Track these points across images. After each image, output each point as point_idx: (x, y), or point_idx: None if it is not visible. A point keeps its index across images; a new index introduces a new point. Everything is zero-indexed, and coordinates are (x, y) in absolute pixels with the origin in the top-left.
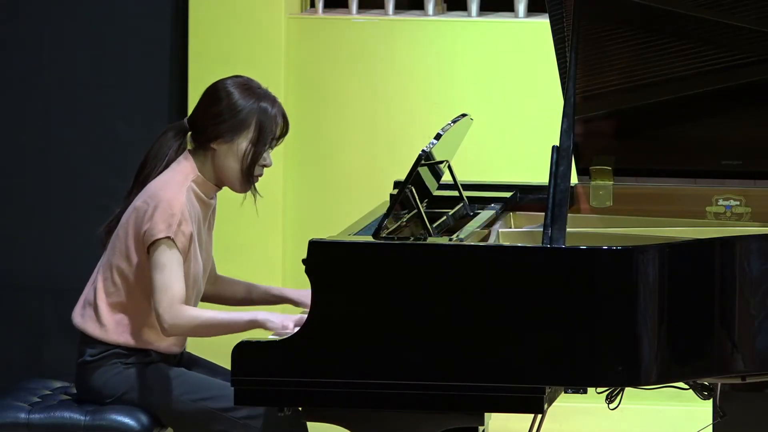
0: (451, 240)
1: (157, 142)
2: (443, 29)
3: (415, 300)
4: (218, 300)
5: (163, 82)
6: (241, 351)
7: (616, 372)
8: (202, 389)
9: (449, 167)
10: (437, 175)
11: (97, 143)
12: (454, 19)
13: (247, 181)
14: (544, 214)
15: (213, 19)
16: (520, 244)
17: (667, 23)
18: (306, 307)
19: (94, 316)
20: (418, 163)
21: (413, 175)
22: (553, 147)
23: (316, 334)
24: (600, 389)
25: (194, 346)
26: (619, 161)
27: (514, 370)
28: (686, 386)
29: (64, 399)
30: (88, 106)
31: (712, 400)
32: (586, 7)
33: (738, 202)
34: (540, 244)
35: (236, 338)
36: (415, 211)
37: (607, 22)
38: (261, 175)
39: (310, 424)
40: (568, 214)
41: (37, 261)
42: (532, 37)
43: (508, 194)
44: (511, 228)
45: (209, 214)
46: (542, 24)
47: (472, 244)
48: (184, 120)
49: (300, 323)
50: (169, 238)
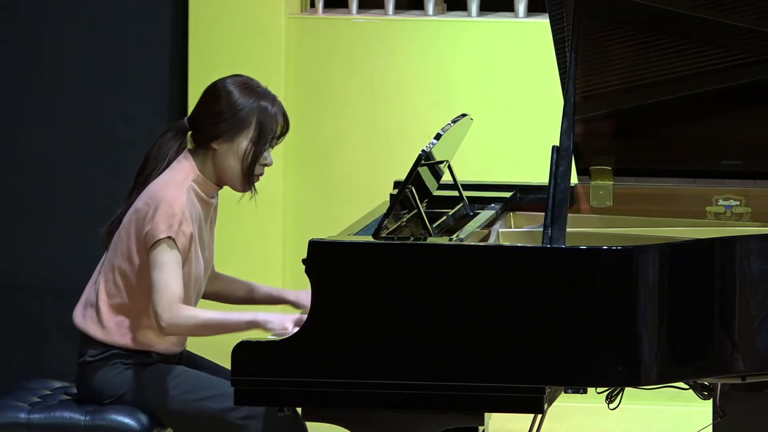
0: (451, 240)
1: (157, 142)
2: (443, 29)
3: (415, 300)
4: (219, 298)
5: (163, 82)
6: (241, 351)
7: (616, 372)
8: (202, 389)
9: (449, 167)
10: (437, 175)
11: (97, 143)
12: (454, 19)
13: (248, 180)
14: (544, 214)
15: (213, 19)
16: (520, 244)
17: (667, 23)
18: (304, 308)
19: (96, 317)
20: (418, 163)
21: (413, 175)
22: (553, 147)
23: (316, 334)
24: (600, 389)
25: (194, 346)
26: (619, 161)
27: (514, 370)
28: (686, 386)
29: (64, 399)
30: (88, 106)
31: (712, 400)
32: (586, 7)
33: (738, 202)
34: (540, 244)
35: (236, 338)
36: (415, 211)
37: (607, 22)
38: (262, 174)
39: (310, 424)
40: (568, 214)
41: (37, 261)
42: (532, 37)
43: (508, 194)
44: (511, 228)
45: (211, 213)
46: (542, 24)
47: (472, 244)
48: (184, 119)
49: (300, 324)
50: (170, 238)
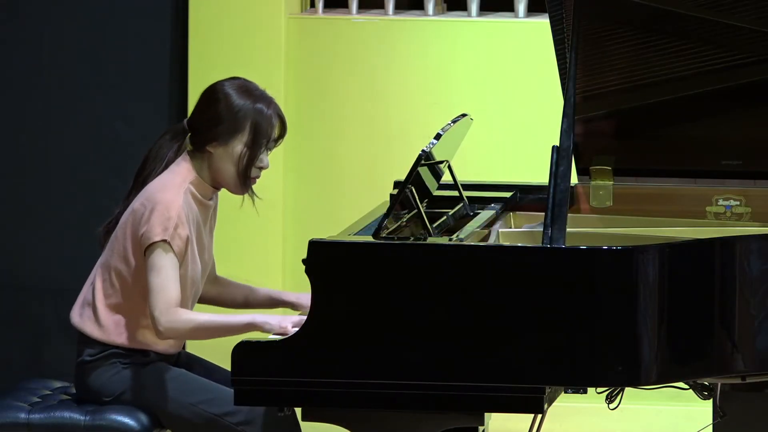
0: (451, 240)
1: (156, 143)
2: (443, 29)
3: (415, 300)
4: (218, 303)
5: (163, 82)
6: (241, 351)
7: (616, 372)
8: (199, 392)
9: (449, 167)
10: (437, 175)
11: (97, 143)
12: (454, 19)
13: (244, 183)
14: (544, 214)
15: (213, 19)
16: (520, 244)
17: (667, 23)
18: (304, 310)
19: (93, 316)
20: (418, 163)
21: (413, 175)
22: (553, 147)
23: (316, 334)
24: (600, 389)
25: (194, 346)
26: (619, 161)
27: (514, 370)
28: (686, 386)
29: (64, 399)
30: (88, 106)
31: (712, 400)
32: (586, 7)
33: (738, 202)
34: (540, 244)
35: (236, 338)
36: (415, 211)
37: (607, 22)
38: (258, 177)
39: (311, 424)
40: (568, 214)
41: (37, 261)
42: (532, 37)
43: (508, 194)
44: (511, 228)
45: (209, 216)
46: (542, 24)
47: (472, 244)
48: (184, 121)
49: (299, 325)
50: (165, 242)
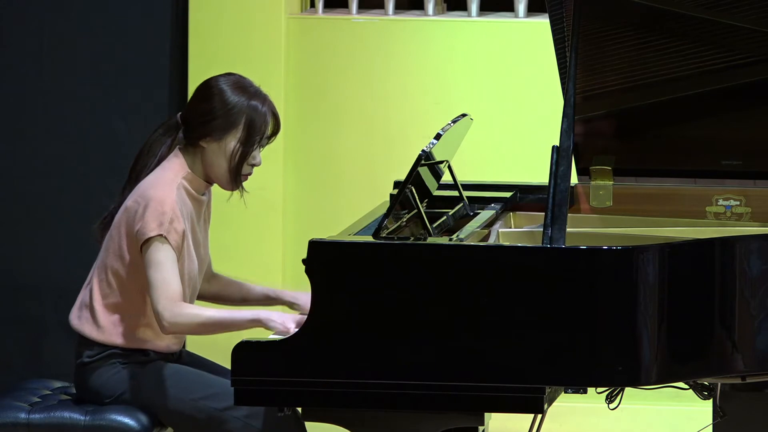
0: (451, 240)
1: (149, 138)
2: (443, 29)
3: (414, 300)
4: (216, 300)
5: (163, 82)
6: (241, 351)
7: (616, 372)
8: (201, 388)
9: (449, 167)
10: (437, 175)
11: (97, 143)
12: (454, 19)
13: (235, 179)
14: (544, 214)
15: (213, 19)
16: (520, 244)
17: (667, 23)
18: (302, 309)
19: (91, 317)
20: (418, 163)
21: (413, 175)
22: (553, 147)
23: (316, 334)
24: (600, 389)
25: (194, 346)
26: (619, 161)
27: (514, 370)
28: (686, 386)
29: (63, 399)
30: (88, 107)
31: (712, 400)
32: (586, 7)
33: (738, 202)
34: (540, 244)
35: (236, 337)
36: (415, 211)
37: (607, 22)
38: (250, 174)
39: (310, 425)
40: (568, 214)
41: (37, 261)
42: (532, 37)
43: (508, 194)
44: (511, 228)
45: (203, 211)
46: (542, 24)
47: (472, 244)
48: (177, 116)
49: (301, 324)
50: (161, 236)
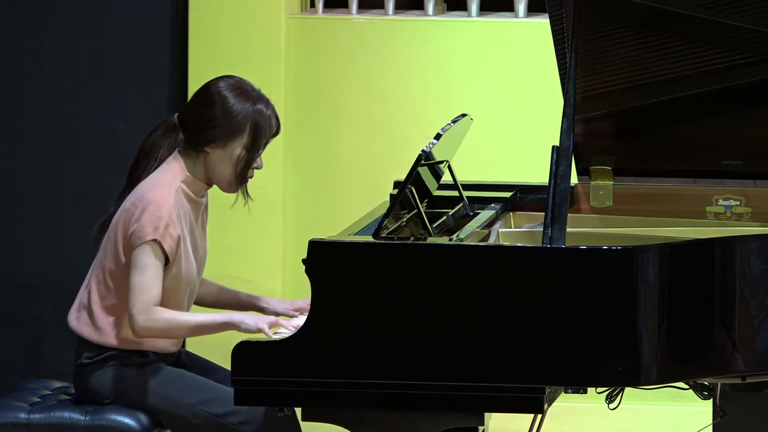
0: (451, 240)
1: (147, 140)
2: (443, 29)
3: (414, 300)
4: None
5: (163, 82)
6: (241, 351)
7: (616, 372)
8: (198, 393)
9: (449, 167)
10: (437, 175)
11: (97, 143)
12: (454, 19)
13: (240, 183)
14: (544, 214)
15: (213, 19)
16: (520, 244)
17: (667, 23)
18: (273, 314)
19: (89, 319)
20: (418, 163)
21: (413, 175)
22: (553, 147)
23: (317, 334)
24: (600, 389)
25: (194, 346)
26: (619, 161)
27: (514, 370)
28: (686, 386)
29: (63, 399)
30: (88, 107)
31: (712, 400)
32: (586, 7)
33: (738, 202)
34: (540, 244)
35: (237, 338)
36: (415, 211)
37: (607, 22)
38: (252, 177)
39: (311, 424)
40: (568, 214)
41: (37, 261)
42: (532, 37)
43: (508, 194)
44: (511, 228)
45: (201, 213)
46: (542, 24)
47: (472, 244)
48: (174, 117)
49: (274, 325)
50: (155, 241)
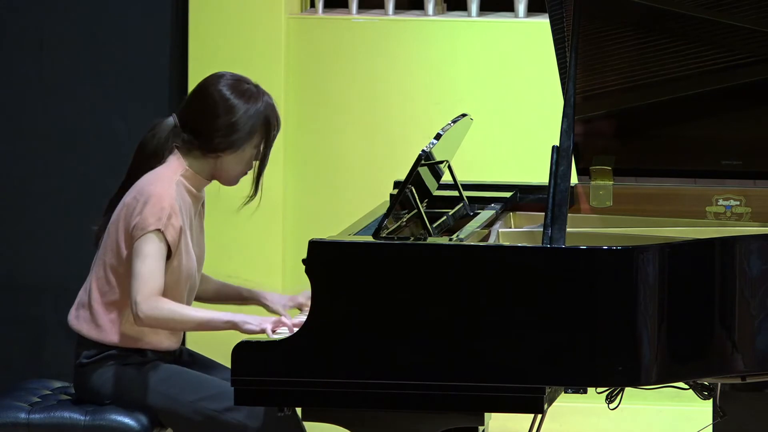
0: (451, 240)
1: (145, 138)
2: (443, 29)
3: (414, 300)
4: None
5: (163, 82)
6: (241, 351)
7: (616, 372)
8: (200, 389)
9: (449, 167)
10: (437, 175)
11: (97, 143)
12: (454, 19)
13: (258, 184)
14: (544, 214)
15: (213, 19)
16: (520, 244)
17: (667, 23)
18: (276, 311)
19: (89, 316)
20: (418, 163)
21: (413, 175)
22: (553, 147)
23: (317, 334)
24: (600, 389)
25: (194, 344)
26: (619, 161)
27: (514, 370)
28: (686, 386)
29: (63, 399)
30: (88, 107)
31: (712, 400)
32: (586, 7)
33: (738, 202)
34: (540, 244)
35: (236, 338)
36: (415, 211)
37: (607, 22)
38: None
39: (311, 424)
40: (568, 214)
41: (37, 261)
42: (532, 37)
43: (508, 194)
44: (511, 228)
45: (199, 207)
46: (542, 24)
47: (472, 244)
48: (172, 118)
49: (278, 326)
50: (158, 231)
